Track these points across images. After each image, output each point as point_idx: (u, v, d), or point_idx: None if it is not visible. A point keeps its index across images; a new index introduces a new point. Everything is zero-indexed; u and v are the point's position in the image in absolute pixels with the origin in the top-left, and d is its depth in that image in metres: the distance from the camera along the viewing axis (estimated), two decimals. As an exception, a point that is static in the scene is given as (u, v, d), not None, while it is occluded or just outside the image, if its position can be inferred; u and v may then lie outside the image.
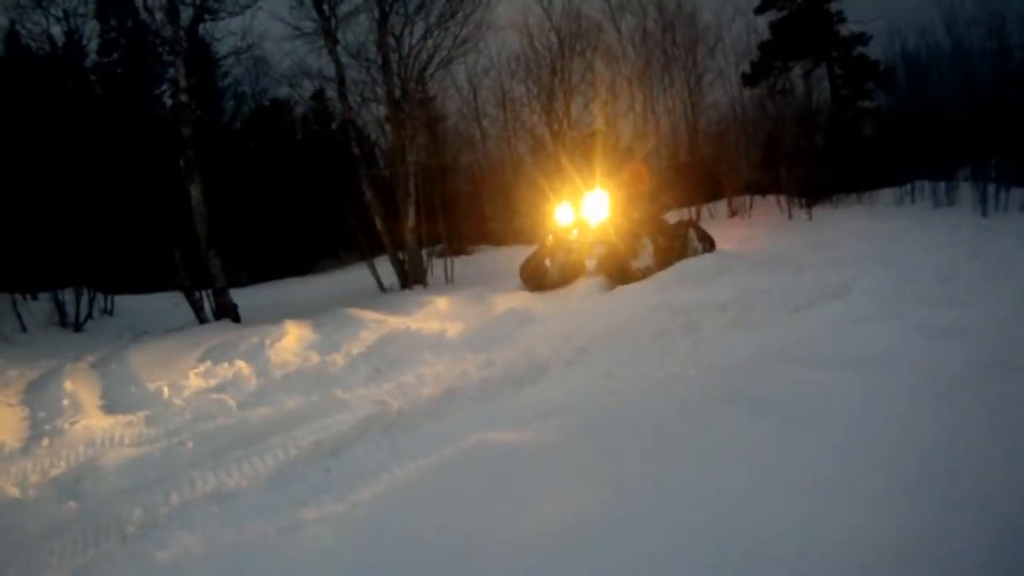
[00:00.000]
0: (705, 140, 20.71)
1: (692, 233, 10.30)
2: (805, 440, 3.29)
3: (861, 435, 3.29)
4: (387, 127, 13.78)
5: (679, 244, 9.82)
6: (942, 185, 14.85)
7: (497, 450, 3.76)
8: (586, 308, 7.91)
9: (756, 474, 3.05)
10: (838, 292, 6.42)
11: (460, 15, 13.26)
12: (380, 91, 13.29)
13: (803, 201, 15.75)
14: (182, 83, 10.78)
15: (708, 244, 10.29)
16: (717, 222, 15.80)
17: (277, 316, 8.66)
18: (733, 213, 17.49)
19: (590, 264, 9.67)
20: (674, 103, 21.47)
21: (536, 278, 9.92)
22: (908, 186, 15.91)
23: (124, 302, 12.67)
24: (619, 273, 8.90)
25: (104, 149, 13.48)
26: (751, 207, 17.50)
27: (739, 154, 19.43)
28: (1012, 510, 2.60)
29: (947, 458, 2.98)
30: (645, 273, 8.84)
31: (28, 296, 11.28)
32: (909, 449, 3.10)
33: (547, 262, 9.97)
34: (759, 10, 22.45)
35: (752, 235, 12.11)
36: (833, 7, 21.74)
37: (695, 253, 9.87)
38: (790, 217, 15.42)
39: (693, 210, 16.63)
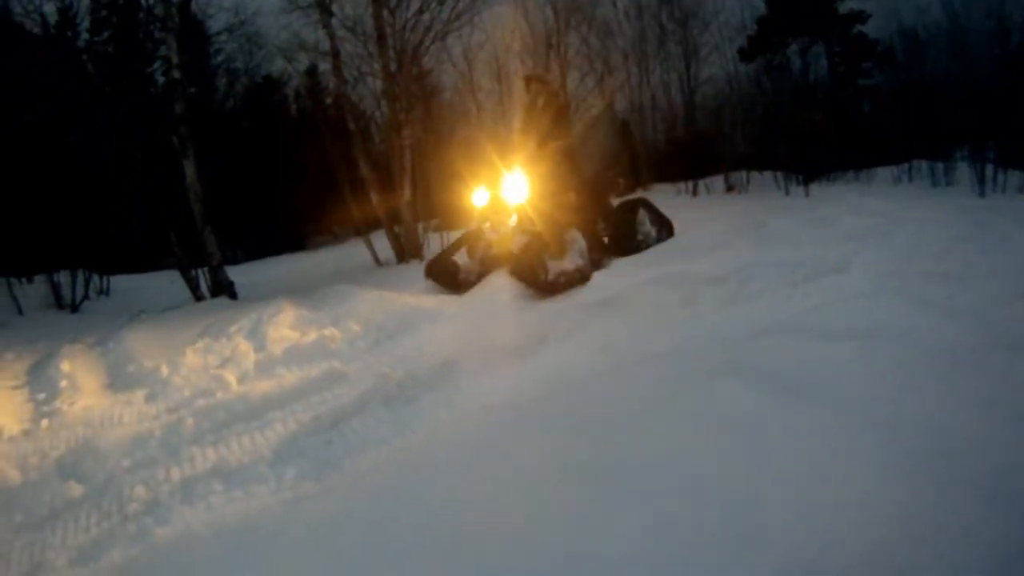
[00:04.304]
0: (701, 115, 20.66)
1: (643, 215, 8.43)
2: (805, 412, 3.26)
3: (861, 408, 3.27)
4: (382, 102, 13.57)
5: (625, 230, 8.22)
6: (940, 165, 14.78)
7: (497, 422, 3.81)
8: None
9: (755, 447, 3.03)
10: (838, 267, 6.38)
11: (458, -11, 13.01)
12: (375, 65, 13.08)
13: (800, 178, 15.68)
14: (174, 60, 10.59)
15: (666, 230, 8.54)
16: (713, 197, 15.83)
17: (274, 292, 8.60)
18: (730, 188, 17.44)
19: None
20: (670, 77, 21.44)
21: (445, 278, 7.87)
22: (906, 165, 15.82)
23: (120, 282, 12.60)
24: (533, 280, 6.90)
25: (97, 129, 13.32)
26: (748, 182, 17.46)
27: (735, 129, 19.36)
28: (1014, 487, 2.61)
29: (948, 434, 2.99)
30: (571, 277, 6.84)
31: (23, 279, 11.22)
32: (909, 424, 3.10)
33: (462, 259, 7.94)
34: (758, -15, 22.25)
35: (748, 210, 12.04)
36: (833, -16, 21.51)
37: (646, 239, 8.27)
38: (787, 193, 15.21)
39: (690, 184, 16.71)
